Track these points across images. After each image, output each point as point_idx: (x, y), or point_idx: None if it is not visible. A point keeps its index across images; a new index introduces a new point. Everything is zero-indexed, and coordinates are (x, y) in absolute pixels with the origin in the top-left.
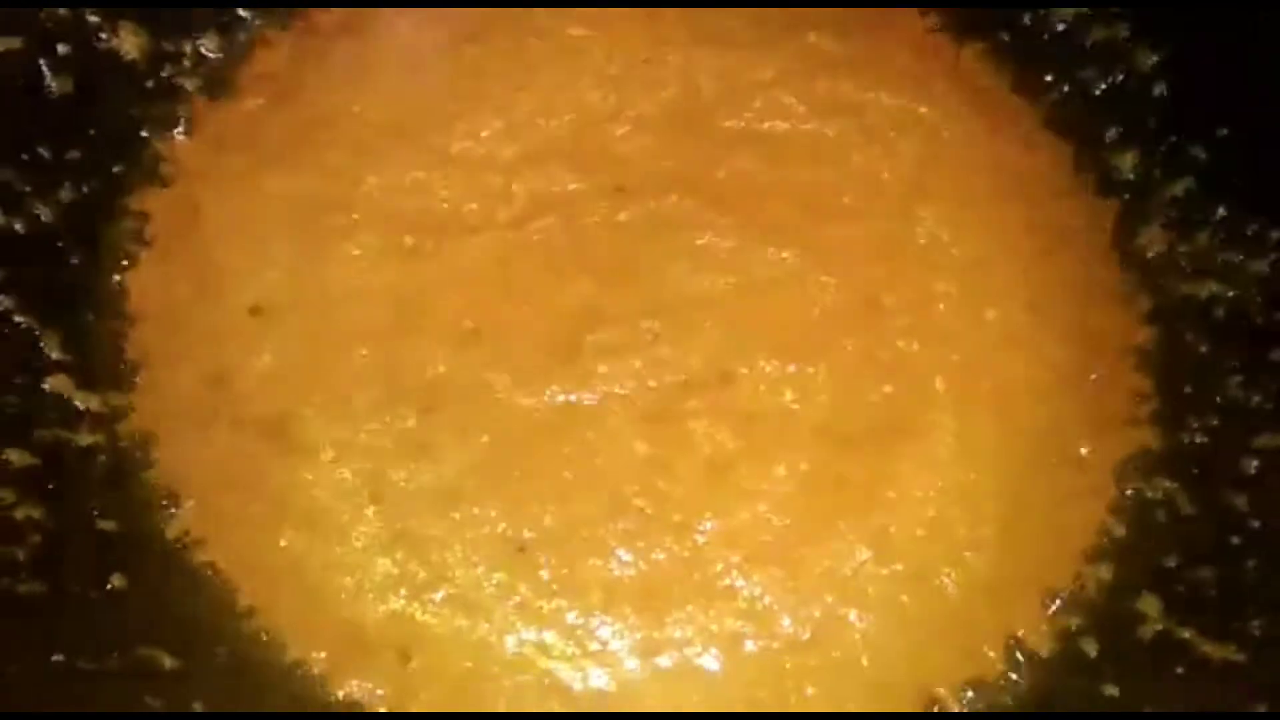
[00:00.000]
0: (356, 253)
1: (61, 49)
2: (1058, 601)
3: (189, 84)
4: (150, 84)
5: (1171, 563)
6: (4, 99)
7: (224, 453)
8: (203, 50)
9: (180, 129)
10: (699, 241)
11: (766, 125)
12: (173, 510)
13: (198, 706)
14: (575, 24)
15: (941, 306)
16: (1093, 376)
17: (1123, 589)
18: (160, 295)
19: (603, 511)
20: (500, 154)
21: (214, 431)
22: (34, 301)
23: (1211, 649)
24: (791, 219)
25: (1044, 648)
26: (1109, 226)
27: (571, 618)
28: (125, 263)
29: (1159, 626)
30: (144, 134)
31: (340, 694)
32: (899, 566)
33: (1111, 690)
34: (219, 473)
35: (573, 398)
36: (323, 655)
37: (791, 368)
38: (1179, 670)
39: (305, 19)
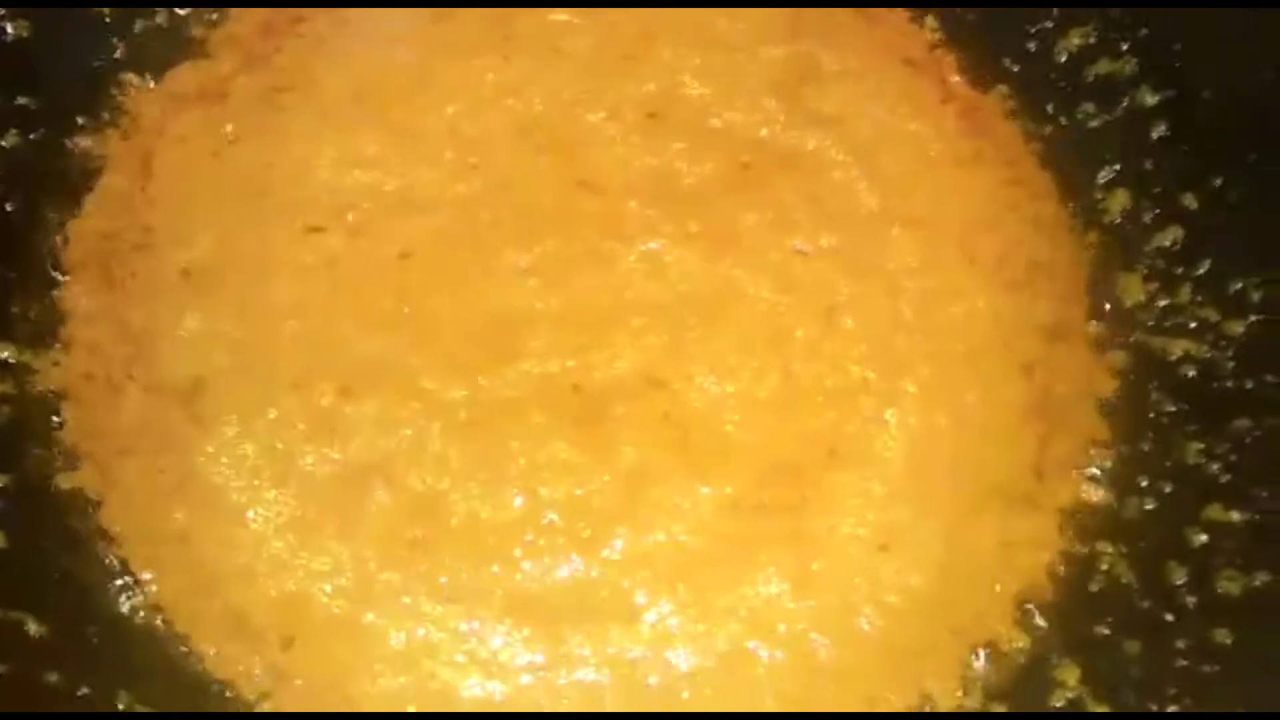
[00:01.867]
0: (299, 223)
1: None
2: (975, 657)
3: (157, 40)
4: (116, 35)
5: (1100, 631)
6: None
7: (134, 416)
8: (174, 6)
9: (144, 81)
10: (653, 246)
11: (746, 130)
12: (71, 471)
13: (53, 678)
14: (561, 10)
15: (902, 335)
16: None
17: (1044, 653)
18: (97, 248)
19: (512, 517)
20: (461, 133)
21: (127, 394)
22: None
23: None
24: (756, 232)
25: (951, 705)
26: (1086, 268)
27: (463, 625)
28: (69, 214)
29: (1071, 695)
30: (104, 84)
31: (217, 672)
32: (815, 603)
33: None
34: (125, 437)
35: (497, 393)
36: (205, 631)
37: (731, 386)
38: None
39: None
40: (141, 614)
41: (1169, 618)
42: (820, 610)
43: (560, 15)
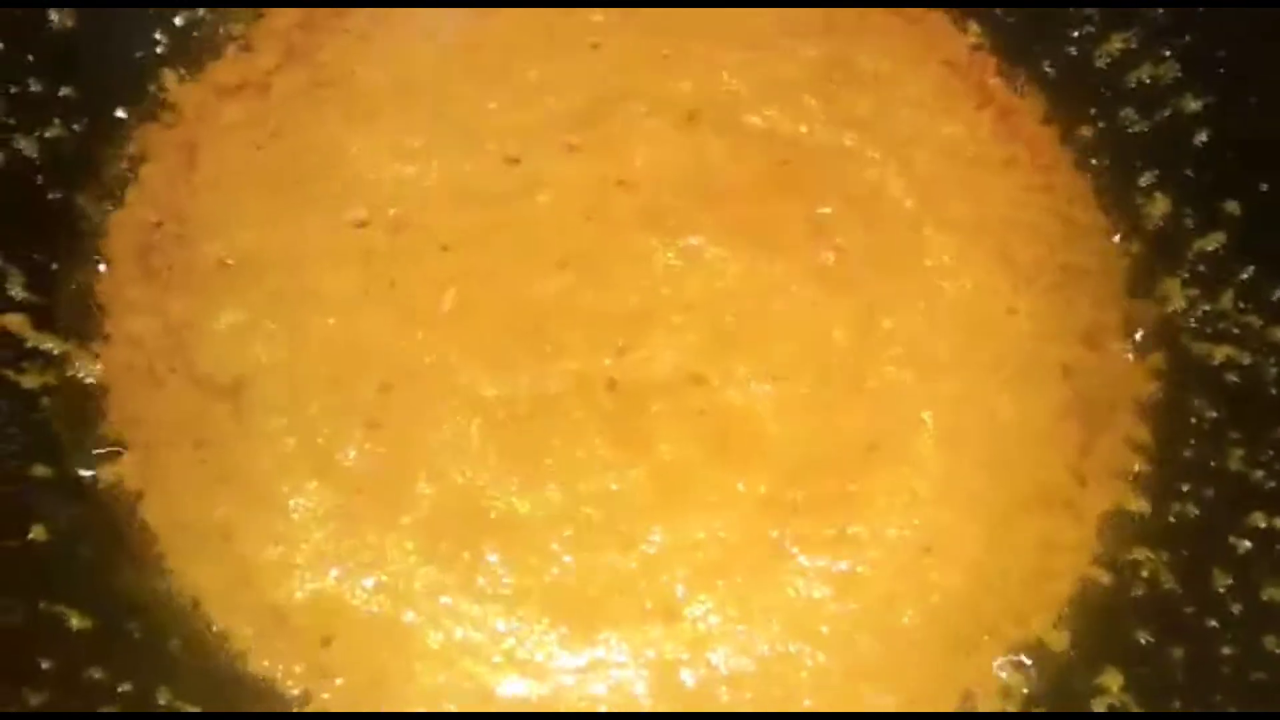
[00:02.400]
0: (340, 217)
1: None
2: (1018, 660)
3: (199, 33)
4: (159, 27)
5: (1143, 638)
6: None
7: (175, 409)
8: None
9: (186, 73)
10: (691, 243)
11: (784, 128)
12: (112, 463)
13: (96, 673)
14: (599, 12)
15: (939, 336)
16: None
17: (1087, 658)
18: (139, 239)
19: (550, 513)
20: (501, 129)
21: (168, 386)
22: (2, 237)
23: None
24: (793, 230)
25: (993, 707)
26: (1124, 272)
27: (501, 624)
28: (110, 205)
29: (1114, 701)
30: (146, 75)
31: (257, 670)
32: (858, 604)
33: None
34: (166, 429)
35: (536, 389)
36: (245, 628)
37: (768, 385)
38: None
39: None
40: (182, 609)
41: (1214, 624)
42: (862, 612)
43: (598, 15)
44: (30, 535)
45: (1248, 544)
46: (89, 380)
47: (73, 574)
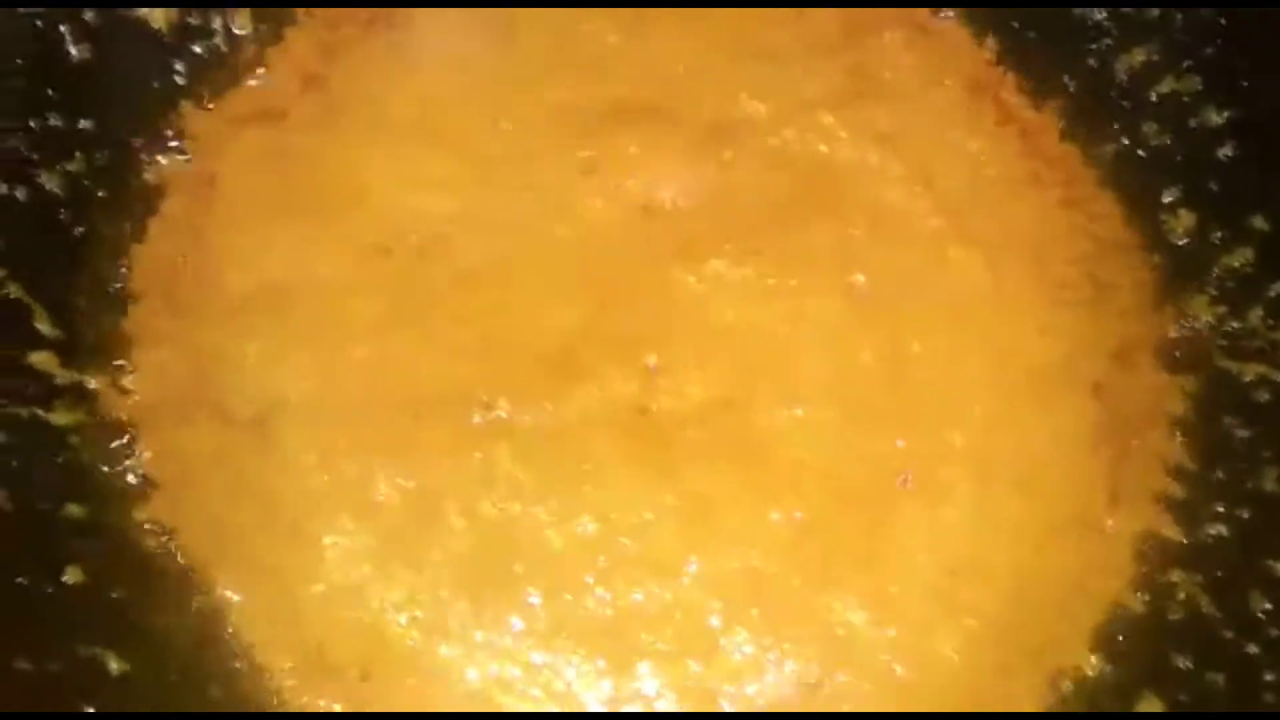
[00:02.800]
0: (361, 245)
1: (87, 16)
2: (1057, 687)
3: (215, 62)
4: (175, 58)
5: (1182, 664)
6: (20, 64)
7: (206, 445)
8: (233, 28)
9: (204, 104)
10: (715, 266)
11: (805, 147)
12: (144, 500)
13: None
14: (614, 31)
15: (968, 356)
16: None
17: (1125, 683)
18: (164, 272)
19: (583, 543)
20: (519, 153)
21: (198, 422)
22: (27, 273)
23: None
24: (818, 251)
25: None
26: (1151, 290)
27: (538, 657)
28: (132, 238)
29: None
30: (164, 107)
31: (297, 706)
32: (895, 631)
33: None
34: (198, 465)
35: (565, 418)
36: (283, 664)
37: (799, 410)
38: None
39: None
40: (220, 646)
41: (1253, 650)
42: (899, 639)
43: (613, 38)
44: (65, 578)
45: None
46: (118, 416)
47: (109, 616)
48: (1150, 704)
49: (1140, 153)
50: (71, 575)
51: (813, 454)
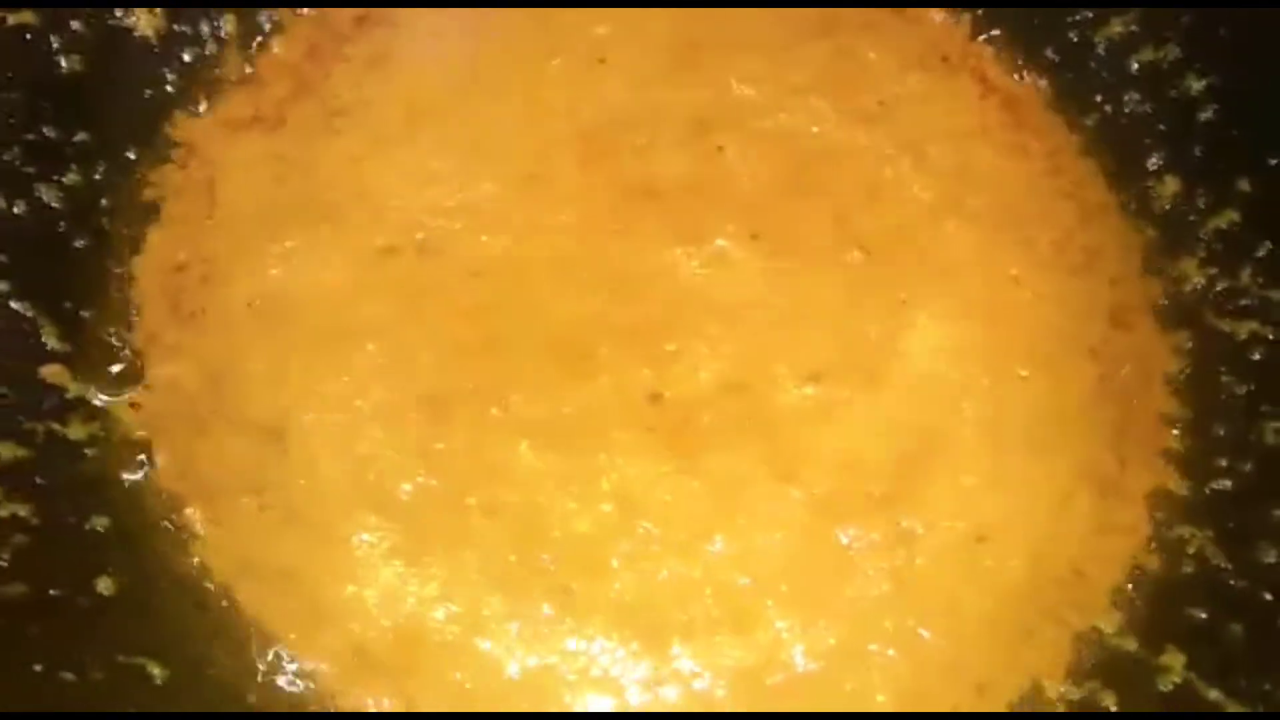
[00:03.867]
0: (365, 246)
1: (75, 25)
2: (1080, 644)
3: (206, 69)
4: (165, 66)
5: (1199, 615)
6: (12, 77)
7: (224, 454)
8: (220, 33)
9: (197, 111)
10: (718, 251)
11: (797, 129)
12: (168, 510)
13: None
14: (602, 24)
15: (970, 325)
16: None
17: (1148, 639)
18: (167, 282)
19: (608, 530)
20: (518, 148)
21: (214, 431)
22: (33, 288)
23: (1238, 708)
24: (818, 230)
25: (1062, 695)
26: (1141, 252)
27: (573, 643)
28: (134, 249)
29: (1178, 680)
30: (157, 115)
31: (344, 705)
32: (920, 598)
33: None
34: (219, 476)
35: (581, 408)
36: (327, 666)
37: (810, 388)
38: None
39: (320, 10)
40: (260, 652)
41: (1268, 597)
42: (925, 605)
43: (602, 29)
44: (99, 590)
45: None
46: (133, 428)
47: (146, 625)
48: (1173, 657)
49: (1123, 121)
50: (104, 586)
51: (827, 429)
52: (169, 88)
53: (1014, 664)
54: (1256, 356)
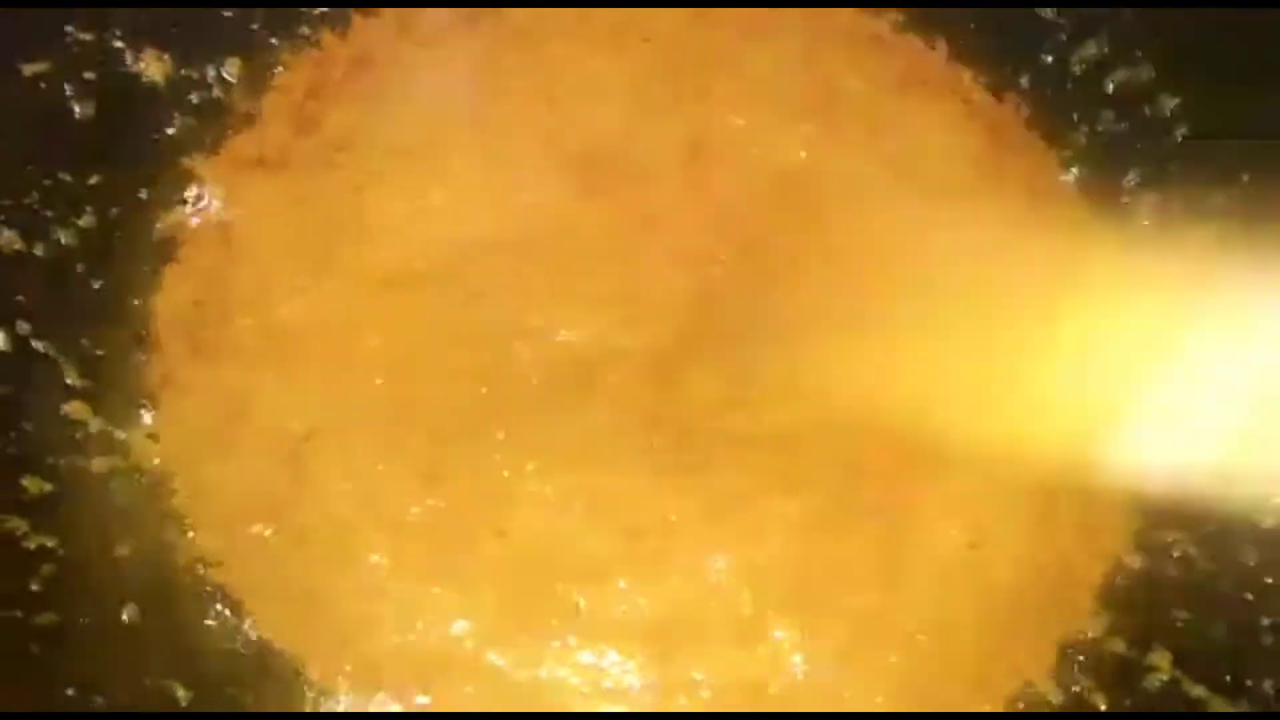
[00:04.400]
0: (368, 278)
1: (87, 74)
2: (1070, 646)
3: (212, 111)
4: (175, 109)
5: (1182, 615)
6: (28, 124)
7: (239, 481)
8: (225, 75)
9: (206, 152)
10: (714, 271)
11: (786, 155)
12: (188, 538)
13: None
14: (596, 55)
15: (959, 338)
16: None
17: (1135, 639)
18: (183, 320)
19: (612, 549)
20: (515, 178)
21: (229, 461)
22: (53, 327)
23: (1223, 704)
24: (810, 252)
25: (1053, 697)
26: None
27: (586, 657)
28: (150, 288)
29: (1166, 678)
30: (168, 157)
31: None
32: (917, 605)
33: None
34: (234, 502)
35: (583, 430)
36: (343, 686)
37: (807, 403)
38: None
39: (320, 50)
40: (281, 673)
41: (1249, 597)
42: (922, 613)
43: (596, 61)
44: (124, 617)
45: (1271, 521)
46: (152, 460)
47: (169, 649)
48: (1160, 656)
49: (1100, 140)
50: (129, 612)
51: (826, 443)
52: (179, 130)
53: (1007, 668)
54: None
